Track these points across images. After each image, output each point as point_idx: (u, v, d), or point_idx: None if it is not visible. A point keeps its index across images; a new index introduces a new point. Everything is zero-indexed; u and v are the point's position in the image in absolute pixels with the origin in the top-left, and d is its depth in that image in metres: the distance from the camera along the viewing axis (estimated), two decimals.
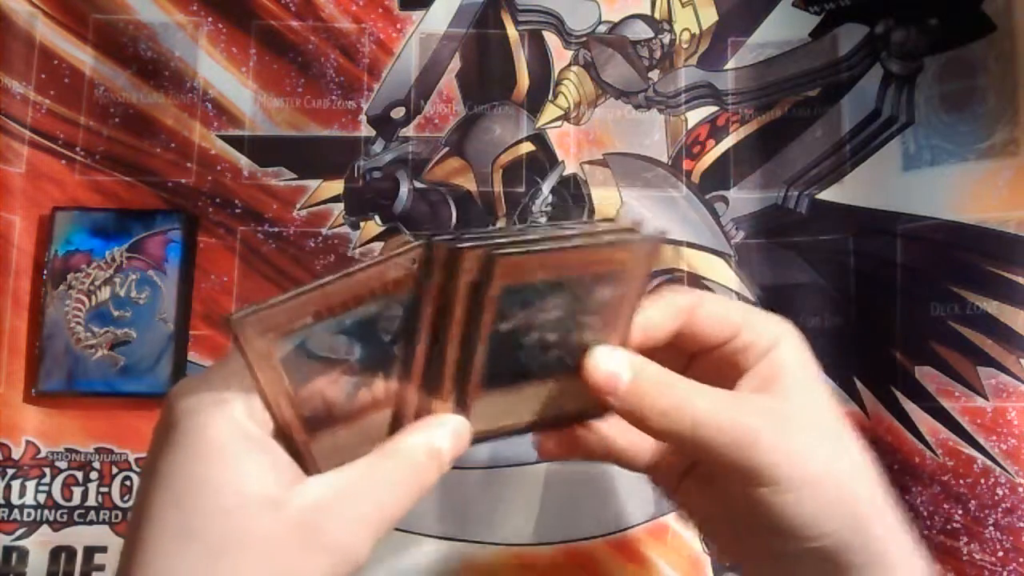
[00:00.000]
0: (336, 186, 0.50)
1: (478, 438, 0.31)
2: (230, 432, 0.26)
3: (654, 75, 0.51)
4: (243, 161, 0.50)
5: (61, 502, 0.47)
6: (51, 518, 0.47)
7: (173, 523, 0.25)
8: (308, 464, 0.27)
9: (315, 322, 0.26)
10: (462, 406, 0.30)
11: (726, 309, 0.33)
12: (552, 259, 0.27)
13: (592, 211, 0.50)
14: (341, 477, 0.27)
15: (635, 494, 0.47)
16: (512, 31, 0.52)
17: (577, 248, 0.27)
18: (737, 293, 0.50)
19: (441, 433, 0.29)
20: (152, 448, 0.27)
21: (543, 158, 0.51)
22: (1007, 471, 0.44)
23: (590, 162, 0.51)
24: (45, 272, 0.48)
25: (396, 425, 0.30)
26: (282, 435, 0.27)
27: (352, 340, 0.27)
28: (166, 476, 0.26)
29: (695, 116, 0.51)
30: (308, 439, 0.27)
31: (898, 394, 0.47)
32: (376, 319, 0.27)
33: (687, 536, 0.47)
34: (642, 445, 0.35)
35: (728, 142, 0.51)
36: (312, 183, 0.50)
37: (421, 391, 0.29)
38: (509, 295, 0.27)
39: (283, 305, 0.25)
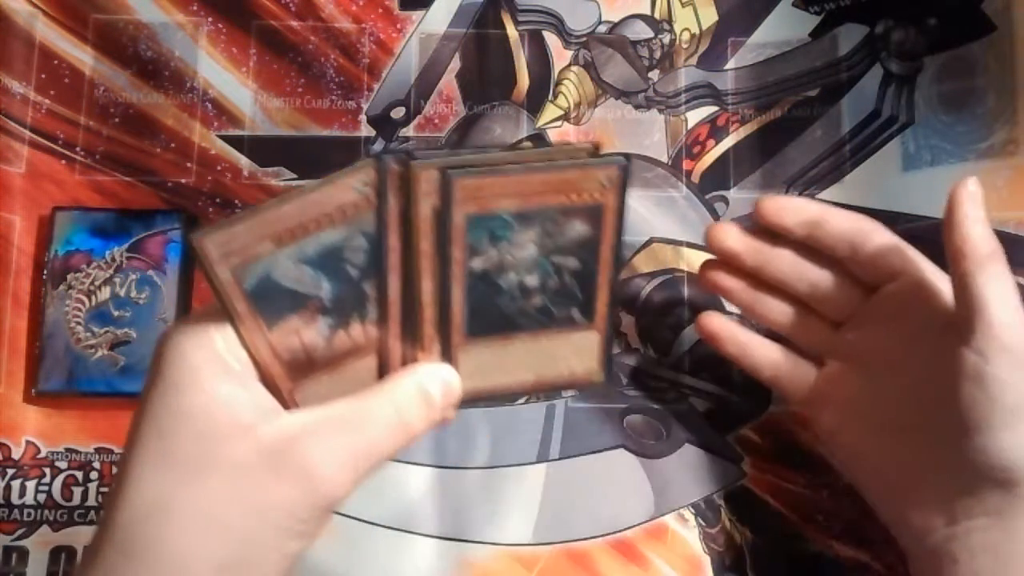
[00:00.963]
0: None
1: (469, 397, 0.30)
2: (207, 362, 0.26)
3: (654, 75, 0.52)
4: (243, 161, 0.50)
5: (61, 502, 0.47)
6: (51, 518, 0.47)
7: (152, 449, 0.27)
8: (291, 408, 0.27)
9: (277, 248, 0.25)
10: (447, 356, 0.29)
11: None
12: (513, 182, 0.26)
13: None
14: (321, 410, 0.27)
15: (634, 494, 0.47)
16: (512, 31, 0.52)
17: (538, 170, 0.26)
18: None
19: (430, 379, 0.29)
20: (143, 390, 0.28)
21: None
22: None
23: None
24: (45, 272, 0.47)
25: (382, 375, 0.29)
26: (266, 381, 0.28)
27: (318, 273, 0.26)
28: (148, 405, 0.27)
29: (695, 116, 0.51)
30: (291, 385, 0.27)
31: None
32: (340, 249, 0.26)
33: (687, 536, 0.47)
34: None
35: (728, 142, 0.51)
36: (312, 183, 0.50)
37: (402, 337, 0.28)
38: (475, 226, 0.26)
39: (242, 224, 0.24)
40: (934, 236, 0.36)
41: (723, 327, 0.40)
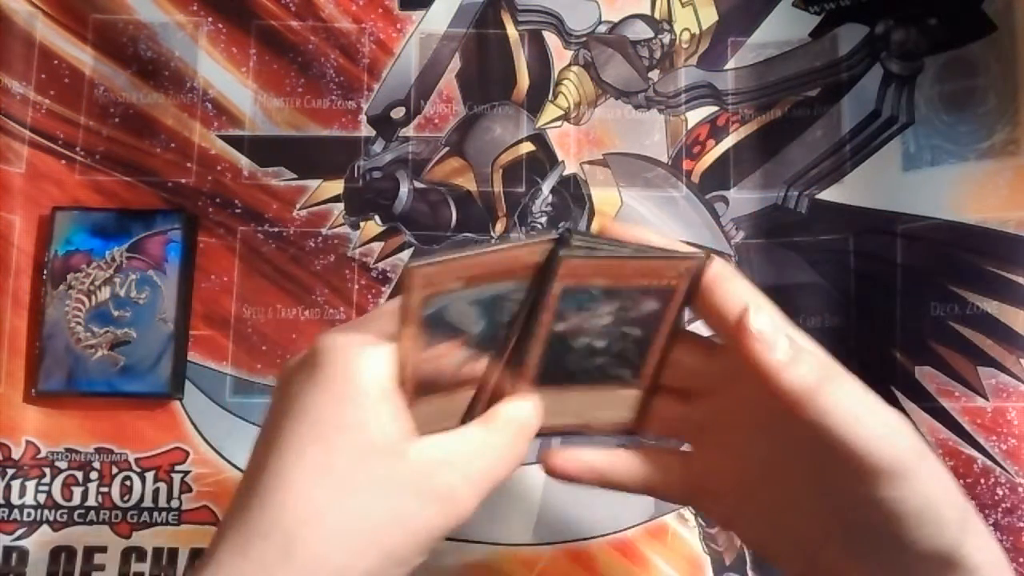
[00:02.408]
0: (336, 186, 0.50)
1: None
2: (372, 379, 0.28)
3: (654, 75, 0.51)
4: (243, 161, 0.50)
5: (61, 502, 0.47)
6: (51, 518, 0.47)
7: (313, 457, 0.27)
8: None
9: (463, 288, 0.28)
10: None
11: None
12: (610, 266, 0.29)
13: (592, 211, 0.50)
14: (455, 438, 0.29)
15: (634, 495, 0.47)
16: (512, 31, 0.52)
17: (634, 259, 0.29)
18: None
19: (530, 411, 0.31)
20: (293, 384, 0.28)
21: (543, 158, 0.51)
22: (1007, 471, 0.44)
23: (590, 162, 0.51)
24: (45, 272, 0.48)
25: (474, 407, 0.31)
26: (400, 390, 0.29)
27: (481, 314, 0.29)
28: (309, 412, 0.28)
29: (695, 116, 0.51)
30: (414, 401, 0.29)
31: (898, 394, 0.47)
32: (503, 298, 0.29)
33: (687, 536, 0.47)
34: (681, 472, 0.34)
35: (728, 142, 0.51)
36: (312, 183, 0.50)
37: (502, 377, 0.31)
38: (567, 296, 0.29)
39: (450, 263, 0.27)
40: (934, 236, 0.36)
41: (570, 461, 0.34)
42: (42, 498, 0.47)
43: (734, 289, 0.30)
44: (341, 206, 0.50)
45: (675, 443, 0.37)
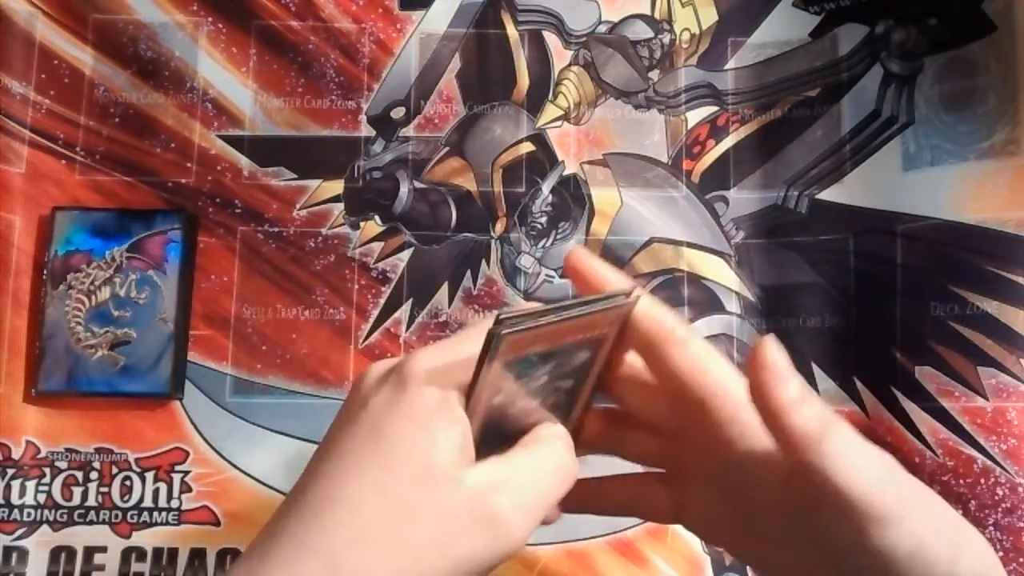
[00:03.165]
0: (336, 186, 0.50)
1: None
2: (447, 411, 0.28)
3: (654, 75, 0.51)
4: (243, 161, 0.50)
5: (61, 502, 0.47)
6: (51, 518, 0.47)
7: (373, 476, 0.27)
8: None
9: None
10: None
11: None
12: (551, 331, 0.29)
13: (592, 211, 0.50)
14: (507, 464, 0.29)
15: None
16: (512, 31, 0.52)
17: (576, 317, 0.29)
18: (737, 293, 0.50)
19: (563, 431, 0.31)
20: (371, 401, 0.28)
21: (543, 158, 0.51)
22: (1007, 471, 0.44)
23: (590, 162, 0.51)
24: (45, 272, 0.48)
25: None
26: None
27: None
28: (379, 431, 0.28)
29: (695, 116, 0.51)
30: (478, 431, 0.29)
31: (898, 394, 0.47)
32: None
33: (687, 536, 0.47)
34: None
35: (728, 142, 0.51)
36: (312, 183, 0.50)
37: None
38: (507, 369, 0.29)
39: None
40: (934, 236, 0.36)
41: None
42: (42, 498, 0.47)
43: (697, 349, 0.30)
44: (341, 206, 0.50)
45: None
